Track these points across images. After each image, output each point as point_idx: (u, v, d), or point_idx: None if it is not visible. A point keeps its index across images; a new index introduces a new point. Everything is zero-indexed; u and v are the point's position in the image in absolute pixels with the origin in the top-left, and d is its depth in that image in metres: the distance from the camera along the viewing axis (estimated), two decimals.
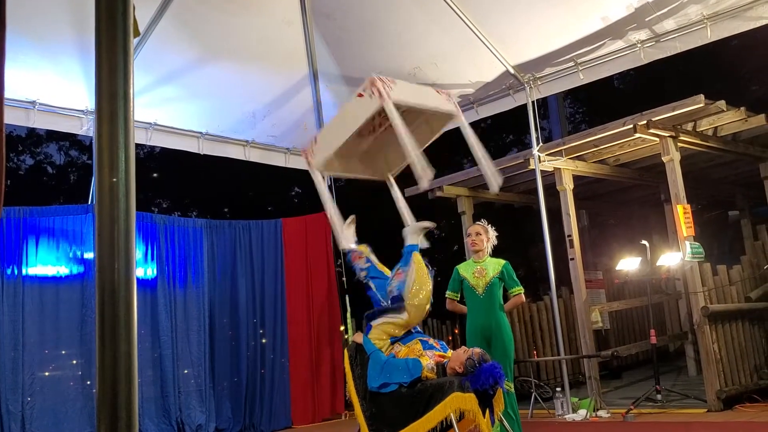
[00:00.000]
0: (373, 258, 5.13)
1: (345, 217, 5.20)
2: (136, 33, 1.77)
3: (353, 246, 5.18)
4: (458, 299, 6.05)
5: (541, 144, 8.17)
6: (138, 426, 1.64)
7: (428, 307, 4.68)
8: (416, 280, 4.56)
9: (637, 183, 10.10)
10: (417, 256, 4.71)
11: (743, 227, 11.05)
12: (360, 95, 4.57)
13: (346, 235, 5.19)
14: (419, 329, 4.90)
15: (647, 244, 8.12)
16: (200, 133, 8.79)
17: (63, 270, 7.37)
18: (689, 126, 7.72)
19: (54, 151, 20.65)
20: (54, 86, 7.44)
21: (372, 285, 4.99)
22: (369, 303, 5.03)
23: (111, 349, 1.59)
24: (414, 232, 4.88)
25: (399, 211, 5.05)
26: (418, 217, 5.35)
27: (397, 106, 4.36)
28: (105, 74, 1.66)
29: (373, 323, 4.74)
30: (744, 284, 7.78)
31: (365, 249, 5.19)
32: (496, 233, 6.00)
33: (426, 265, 4.71)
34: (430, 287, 4.65)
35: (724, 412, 6.73)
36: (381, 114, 4.56)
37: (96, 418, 1.62)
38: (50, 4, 6.73)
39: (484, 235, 5.93)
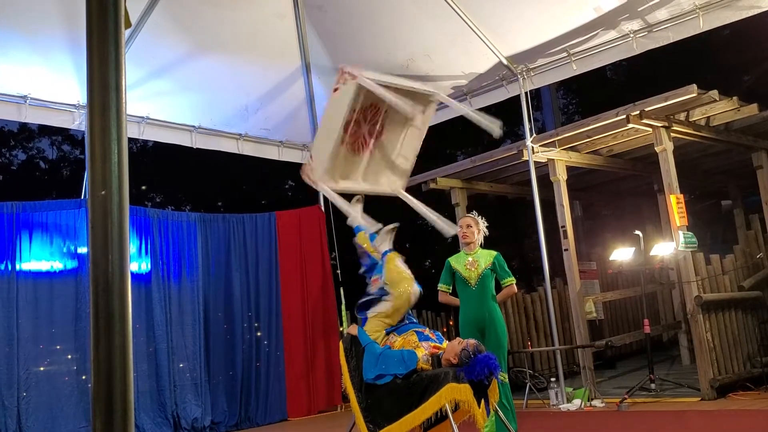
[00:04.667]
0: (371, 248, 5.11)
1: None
2: (128, 24, 1.76)
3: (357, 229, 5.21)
4: (450, 291, 6.05)
5: (534, 135, 8.17)
6: (134, 420, 1.64)
7: (414, 291, 4.79)
8: (392, 282, 4.77)
9: (630, 173, 10.12)
10: (391, 257, 4.86)
11: (736, 217, 11.09)
12: (335, 90, 4.65)
13: (353, 216, 5.24)
14: (415, 320, 4.92)
15: (641, 234, 8.14)
16: (193, 126, 8.76)
17: (57, 265, 7.35)
18: (682, 116, 7.74)
19: (46, 146, 20.60)
20: (45, 81, 7.40)
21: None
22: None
23: (106, 343, 1.59)
24: (383, 239, 5.03)
25: (430, 221, 5.37)
26: (410, 210, 5.40)
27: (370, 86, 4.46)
28: (96, 65, 1.64)
29: (368, 314, 4.79)
30: (737, 273, 7.81)
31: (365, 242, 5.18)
32: (486, 225, 6.00)
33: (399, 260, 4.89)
34: (408, 276, 4.85)
35: (717, 401, 6.77)
36: (366, 107, 4.63)
37: (91, 412, 1.61)
38: None
39: (474, 227, 5.92)
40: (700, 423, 6.12)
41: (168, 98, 8.29)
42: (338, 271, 9.49)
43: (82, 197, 7.77)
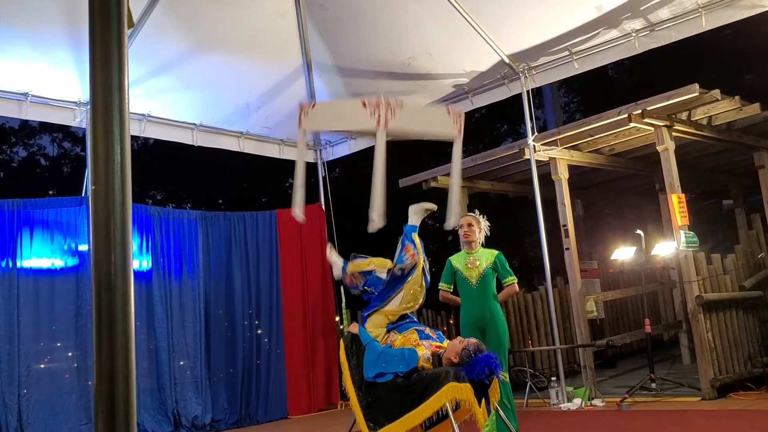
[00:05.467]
0: (366, 264, 5.04)
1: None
2: (130, 24, 1.76)
3: (342, 270, 5.11)
4: (451, 290, 6.05)
5: (536, 134, 8.16)
6: (136, 419, 1.64)
7: (422, 291, 4.75)
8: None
9: (631, 172, 10.11)
10: (415, 238, 4.80)
11: (737, 216, 11.07)
12: (363, 104, 4.47)
13: (335, 262, 5.18)
14: (415, 319, 4.91)
15: (642, 234, 8.13)
16: (194, 124, 8.76)
17: (57, 262, 7.36)
18: (684, 115, 7.73)
19: (47, 143, 20.58)
20: (46, 78, 7.40)
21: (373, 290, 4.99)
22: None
23: (108, 342, 1.59)
24: (416, 213, 4.93)
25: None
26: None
27: (393, 134, 4.27)
28: (99, 66, 1.64)
29: (367, 313, 4.78)
30: (738, 273, 7.80)
31: (356, 266, 5.05)
32: (488, 224, 5.99)
33: (422, 250, 4.82)
34: (420, 270, 4.79)
35: (718, 401, 6.76)
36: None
37: (94, 410, 1.61)
38: None
39: (476, 226, 5.91)
40: (700, 423, 6.11)
41: (169, 96, 8.29)
42: None
43: (83, 194, 7.78)
